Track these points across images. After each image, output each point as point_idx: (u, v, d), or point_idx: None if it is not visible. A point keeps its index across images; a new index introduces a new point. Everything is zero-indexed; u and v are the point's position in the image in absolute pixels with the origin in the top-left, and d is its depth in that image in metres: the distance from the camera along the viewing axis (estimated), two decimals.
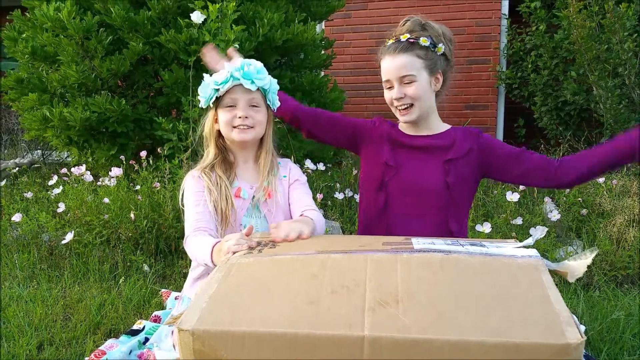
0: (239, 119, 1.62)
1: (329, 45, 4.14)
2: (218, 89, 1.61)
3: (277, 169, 1.75)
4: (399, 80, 1.56)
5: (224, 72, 1.61)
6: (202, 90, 1.66)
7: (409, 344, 0.74)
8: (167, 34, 3.10)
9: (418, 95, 1.56)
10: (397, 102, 1.58)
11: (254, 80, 1.62)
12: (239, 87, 1.62)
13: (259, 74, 1.63)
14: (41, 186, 3.90)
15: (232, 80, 1.60)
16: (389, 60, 1.58)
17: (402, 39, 1.57)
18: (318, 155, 3.83)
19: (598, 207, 2.97)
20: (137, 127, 3.45)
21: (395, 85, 1.57)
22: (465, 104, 5.28)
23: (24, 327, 1.88)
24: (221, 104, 1.64)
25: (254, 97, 1.64)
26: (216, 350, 0.78)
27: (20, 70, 3.62)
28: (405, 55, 1.55)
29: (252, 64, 1.63)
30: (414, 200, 1.60)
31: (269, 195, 1.69)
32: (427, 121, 1.65)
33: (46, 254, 2.68)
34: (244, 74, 1.61)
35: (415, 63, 1.55)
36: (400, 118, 1.62)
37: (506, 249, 1.00)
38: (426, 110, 1.61)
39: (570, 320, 0.75)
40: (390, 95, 1.60)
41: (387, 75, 1.59)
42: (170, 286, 2.32)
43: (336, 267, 0.94)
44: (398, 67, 1.56)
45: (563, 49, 4.56)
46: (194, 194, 1.67)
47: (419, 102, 1.57)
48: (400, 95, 1.57)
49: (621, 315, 1.94)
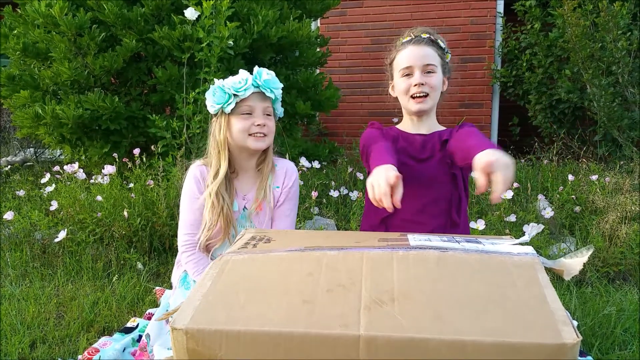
0: (256, 126, 1.63)
1: (324, 43, 4.13)
2: (237, 95, 1.61)
3: (273, 176, 1.77)
4: (422, 68, 1.58)
5: (240, 78, 1.61)
6: (215, 95, 1.64)
7: (405, 344, 0.74)
8: (160, 30, 3.08)
9: (436, 86, 1.59)
10: (416, 89, 1.58)
11: (272, 89, 1.64)
12: (255, 94, 1.63)
13: (275, 83, 1.66)
14: (34, 184, 3.87)
15: (253, 88, 1.61)
16: (413, 49, 1.60)
17: (424, 36, 1.62)
18: (313, 153, 3.83)
19: (591, 204, 2.98)
20: (131, 125, 3.43)
21: (416, 73, 1.58)
22: (460, 102, 5.28)
23: (16, 325, 1.87)
24: (236, 111, 1.64)
25: (268, 105, 1.67)
26: (210, 350, 0.78)
27: (12, 67, 3.59)
28: (429, 48, 1.60)
29: (270, 73, 1.65)
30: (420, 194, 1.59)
31: (260, 208, 1.72)
32: (429, 120, 1.67)
33: (39, 252, 2.67)
34: (264, 82, 1.62)
35: (436, 57, 1.60)
36: (414, 107, 1.61)
37: (502, 246, 1.00)
38: (434, 105, 1.64)
39: (566, 319, 0.75)
40: (408, 83, 1.60)
41: (410, 61, 1.59)
42: (164, 284, 2.31)
43: (332, 265, 0.94)
44: (423, 56, 1.58)
45: (557, 48, 4.57)
46: (190, 198, 1.70)
47: (434, 94, 1.60)
48: (422, 81, 1.58)
49: (613, 310, 1.95)
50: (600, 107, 4.04)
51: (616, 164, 3.77)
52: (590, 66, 4.08)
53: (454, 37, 5.11)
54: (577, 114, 4.69)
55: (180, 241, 1.71)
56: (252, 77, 1.61)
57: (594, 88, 4.05)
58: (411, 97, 1.61)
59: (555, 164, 3.97)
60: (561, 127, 4.73)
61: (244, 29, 3.25)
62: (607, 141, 4.27)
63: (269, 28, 3.33)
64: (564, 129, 4.69)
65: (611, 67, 4.07)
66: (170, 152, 3.00)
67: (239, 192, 1.74)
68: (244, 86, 1.60)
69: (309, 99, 3.69)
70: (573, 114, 4.69)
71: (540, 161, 4.23)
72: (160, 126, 3.03)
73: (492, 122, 5.34)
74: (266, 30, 3.32)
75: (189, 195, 1.70)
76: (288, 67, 3.78)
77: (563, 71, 4.54)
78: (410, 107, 1.62)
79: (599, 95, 4.01)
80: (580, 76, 4.29)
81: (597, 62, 4.09)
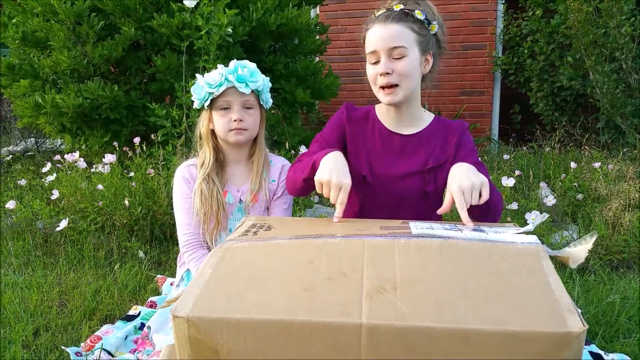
0: (234, 122, 1.64)
1: (324, 31, 4.09)
2: (212, 92, 1.61)
3: (268, 170, 1.78)
4: (387, 53, 1.35)
5: (217, 74, 1.61)
6: (196, 92, 1.67)
7: (407, 332, 0.73)
8: (159, 18, 3.05)
9: (407, 73, 1.36)
10: (382, 80, 1.37)
11: (248, 83, 1.63)
12: (232, 89, 1.63)
13: (252, 77, 1.64)
14: (35, 174, 3.87)
15: (227, 83, 1.60)
16: (378, 29, 1.36)
17: (396, 8, 1.38)
18: None
19: (594, 191, 2.97)
20: (131, 114, 3.42)
21: (382, 59, 1.36)
22: (461, 90, 5.25)
23: (19, 313, 1.88)
24: (215, 105, 1.67)
25: (248, 99, 1.67)
26: (212, 338, 0.77)
27: (11, 57, 3.57)
28: (398, 26, 1.35)
29: (246, 67, 1.64)
30: (390, 205, 1.50)
31: (255, 200, 1.73)
32: (410, 108, 1.48)
33: (41, 241, 2.67)
34: (237, 77, 1.61)
35: (408, 35, 1.35)
36: (383, 99, 1.42)
37: (506, 234, 0.99)
38: (411, 93, 1.43)
39: (571, 307, 0.74)
40: (375, 71, 1.39)
41: (374, 45, 1.36)
42: (165, 272, 2.31)
43: (333, 253, 0.93)
44: (389, 37, 1.34)
45: (559, 34, 4.53)
46: (182, 199, 1.72)
47: (406, 82, 1.38)
48: (387, 70, 1.35)
49: (616, 298, 1.95)
50: (603, 94, 4.00)
51: (619, 151, 3.75)
52: (593, 52, 4.04)
53: (454, 24, 5.06)
54: (579, 101, 4.66)
55: (180, 242, 1.73)
56: (226, 73, 1.61)
57: (597, 75, 4.02)
58: (380, 88, 1.40)
59: (557, 151, 3.95)
60: (563, 115, 4.71)
61: (243, 17, 3.22)
62: (610, 128, 4.24)
63: (268, 15, 3.30)
64: (566, 117, 4.66)
65: (614, 53, 4.03)
66: (170, 141, 2.99)
67: (233, 185, 1.75)
68: (217, 82, 1.60)
69: (309, 87, 3.66)
70: (575, 101, 4.66)
71: (542, 149, 4.21)
72: (160, 115, 3.02)
73: (493, 110, 5.31)
74: (265, 18, 3.29)
75: (180, 195, 1.72)
76: (287, 55, 3.75)
77: (565, 58, 4.50)
78: (381, 99, 1.43)
79: (601, 81, 3.98)
80: (583, 63, 4.25)
81: (600, 48, 4.06)
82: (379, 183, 1.50)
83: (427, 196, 1.48)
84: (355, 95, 5.38)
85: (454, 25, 5.05)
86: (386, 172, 1.49)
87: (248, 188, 1.74)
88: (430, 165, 1.47)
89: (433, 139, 1.50)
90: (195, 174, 1.72)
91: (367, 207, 1.54)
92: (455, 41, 5.12)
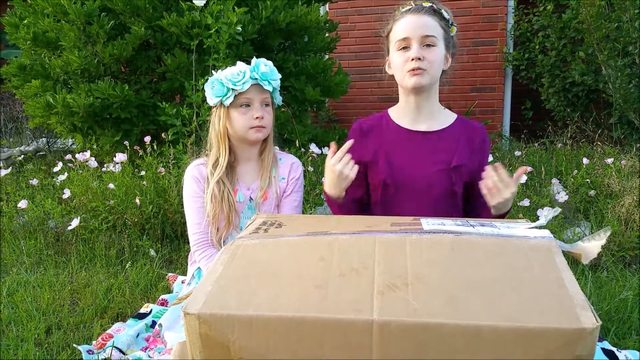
0: (255, 119, 1.63)
1: (333, 28, 4.08)
2: (236, 89, 1.61)
3: (276, 166, 1.78)
4: (420, 40, 1.40)
5: (238, 70, 1.61)
6: (214, 88, 1.65)
7: (419, 329, 0.73)
8: (169, 17, 3.06)
9: (436, 60, 1.42)
10: (413, 64, 1.40)
11: (270, 81, 1.63)
12: (253, 86, 1.63)
13: (273, 74, 1.65)
14: (46, 173, 3.90)
15: (251, 80, 1.61)
16: (411, 19, 1.42)
17: (425, 4, 1.44)
18: (323, 139, 3.81)
19: (606, 187, 2.94)
20: (141, 113, 3.43)
21: (414, 45, 1.40)
22: (472, 87, 5.21)
23: (32, 311, 1.89)
24: (235, 103, 1.65)
25: (267, 96, 1.67)
26: (223, 334, 0.77)
27: (22, 57, 3.60)
28: (431, 18, 1.42)
29: (268, 64, 1.64)
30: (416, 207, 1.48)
31: (265, 197, 1.73)
32: (429, 103, 1.50)
33: (53, 240, 2.69)
34: (262, 75, 1.61)
35: (438, 29, 1.43)
36: (409, 81, 1.43)
37: (518, 229, 0.98)
38: (434, 84, 1.48)
39: (585, 303, 0.73)
40: (405, 56, 1.42)
41: (408, 32, 1.41)
42: (176, 270, 2.32)
43: (344, 250, 0.93)
44: (423, 25, 1.40)
45: (571, 29, 4.48)
46: (192, 198, 1.72)
47: (433, 70, 1.42)
48: (419, 55, 1.39)
49: (629, 295, 1.93)
50: (616, 89, 3.95)
51: (632, 147, 3.71)
52: (605, 47, 3.99)
53: (465, 20, 5.02)
54: (591, 97, 4.61)
55: (191, 241, 1.74)
56: (249, 70, 1.60)
57: (610, 69, 3.97)
58: (408, 71, 1.42)
59: (569, 147, 3.91)
60: (575, 111, 4.65)
61: (252, 15, 3.22)
62: (622, 124, 4.19)
63: (277, 13, 3.30)
64: (578, 112, 4.61)
65: (627, 47, 3.98)
66: (181, 140, 3.00)
67: (244, 183, 1.75)
68: (242, 80, 1.60)
69: (319, 85, 3.66)
70: (587, 96, 4.61)
71: (553, 145, 4.17)
72: (170, 114, 3.03)
73: (504, 106, 5.27)
74: (274, 16, 3.29)
75: (191, 195, 1.72)
76: (297, 52, 3.74)
77: (577, 53, 4.45)
78: (407, 82, 1.44)
79: (614, 76, 3.93)
80: (595, 58, 4.20)
81: (612, 42, 4.00)
82: (401, 183, 1.49)
83: (455, 195, 1.49)
84: (365, 92, 5.37)
85: (465, 21, 5.01)
86: (408, 171, 1.49)
87: (258, 186, 1.74)
88: (455, 163, 1.47)
89: (457, 137, 1.51)
90: (204, 173, 1.72)
91: (392, 209, 1.51)
92: (466, 37, 5.08)
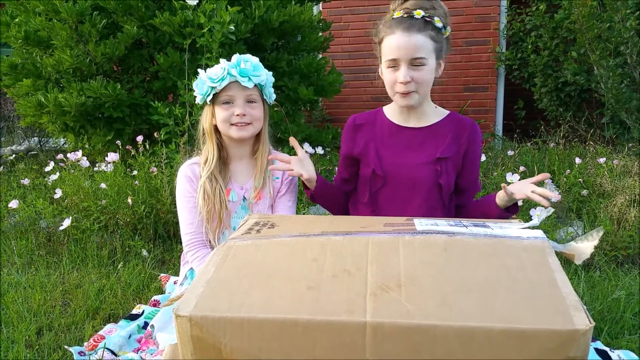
0: (236, 116, 1.63)
1: (327, 27, 4.07)
2: (214, 87, 1.60)
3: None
4: (408, 62, 1.41)
5: (219, 68, 1.60)
6: (198, 87, 1.66)
7: (413, 330, 0.72)
8: (161, 16, 3.05)
9: (425, 80, 1.44)
10: (402, 87, 1.44)
11: (251, 77, 1.61)
12: (235, 83, 1.62)
13: (255, 71, 1.63)
14: (38, 173, 3.87)
15: (229, 77, 1.59)
16: (400, 38, 1.41)
17: (417, 15, 1.41)
18: (317, 139, 3.80)
19: (599, 187, 2.95)
20: (133, 112, 3.41)
21: (402, 67, 1.42)
22: (465, 86, 5.23)
23: (22, 313, 1.87)
24: (218, 100, 1.65)
25: (251, 93, 1.65)
26: (215, 337, 0.77)
27: (14, 56, 3.57)
28: (420, 36, 1.40)
29: (249, 60, 1.62)
30: (402, 198, 1.55)
31: (259, 197, 1.71)
32: (421, 106, 1.56)
33: (44, 240, 2.67)
34: (240, 71, 1.60)
35: (428, 46, 1.42)
36: (399, 101, 1.49)
37: (511, 230, 0.98)
38: (424, 98, 1.52)
39: (578, 304, 0.73)
40: (394, 77, 1.45)
41: (396, 53, 1.42)
42: (169, 271, 2.31)
43: (337, 250, 0.92)
44: (412, 48, 1.40)
45: (563, 29, 4.50)
46: (185, 198, 1.71)
47: (422, 88, 1.46)
48: (408, 79, 1.42)
49: (622, 295, 1.94)
50: (608, 89, 3.97)
51: (624, 147, 3.73)
52: (597, 47, 4.01)
53: (458, 19, 5.03)
54: (583, 97, 4.63)
55: (183, 241, 1.73)
56: (227, 67, 1.59)
57: (602, 69, 3.99)
58: (397, 92, 1.47)
59: (562, 147, 3.93)
60: (567, 110, 4.68)
61: (245, 14, 3.21)
62: (614, 123, 4.21)
63: (271, 12, 3.29)
64: (570, 112, 4.63)
65: (619, 47, 4.00)
66: (173, 139, 2.99)
67: (237, 183, 1.73)
68: (219, 77, 1.58)
69: (312, 84, 3.65)
70: (579, 96, 4.63)
71: (546, 144, 4.18)
72: (162, 113, 3.02)
73: (497, 106, 5.29)
74: (267, 15, 3.28)
75: (183, 194, 1.71)
76: (290, 52, 3.74)
77: (569, 53, 4.47)
78: (396, 101, 1.51)
79: (606, 76, 3.95)
80: (587, 58, 4.22)
81: (604, 42, 4.02)
82: (389, 175, 1.55)
83: (440, 189, 1.53)
84: (358, 92, 5.37)
85: (458, 21, 5.02)
86: (396, 163, 1.55)
87: (252, 185, 1.73)
88: (438, 156, 1.52)
89: (445, 132, 1.55)
90: (198, 173, 1.71)
91: (379, 202, 1.58)
92: (459, 37, 5.09)
